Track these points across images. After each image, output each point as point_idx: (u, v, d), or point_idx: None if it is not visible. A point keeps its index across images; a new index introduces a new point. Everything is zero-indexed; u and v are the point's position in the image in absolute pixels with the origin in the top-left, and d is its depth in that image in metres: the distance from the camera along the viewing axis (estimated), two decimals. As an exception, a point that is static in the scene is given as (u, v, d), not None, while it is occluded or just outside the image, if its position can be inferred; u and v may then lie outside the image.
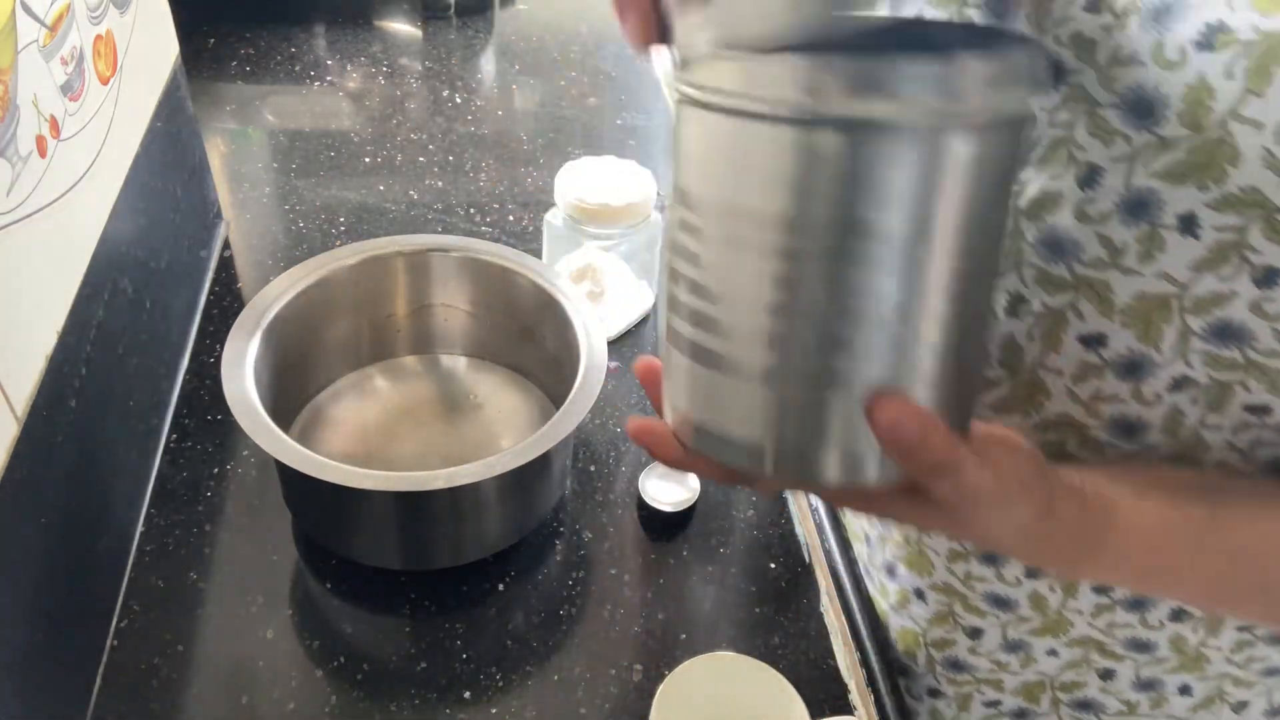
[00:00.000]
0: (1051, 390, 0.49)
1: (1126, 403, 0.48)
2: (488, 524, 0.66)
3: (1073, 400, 0.49)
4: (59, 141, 0.57)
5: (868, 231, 0.34)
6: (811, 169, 0.33)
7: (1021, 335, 0.49)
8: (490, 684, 0.62)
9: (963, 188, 0.34)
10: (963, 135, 0.33)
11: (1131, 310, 0.45)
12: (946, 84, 0.32)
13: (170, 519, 0.69)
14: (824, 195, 0.34)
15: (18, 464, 0.50)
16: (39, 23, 0.55)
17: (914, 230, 0.34)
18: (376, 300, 0.76)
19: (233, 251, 0.92)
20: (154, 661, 0.61)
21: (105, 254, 0.63)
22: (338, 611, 0.66)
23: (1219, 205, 0.41)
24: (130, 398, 0.67)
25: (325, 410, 0.75)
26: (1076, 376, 0.48)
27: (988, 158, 0.34)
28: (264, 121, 1.10)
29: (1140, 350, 0.45)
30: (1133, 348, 0.46)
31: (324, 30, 1.26)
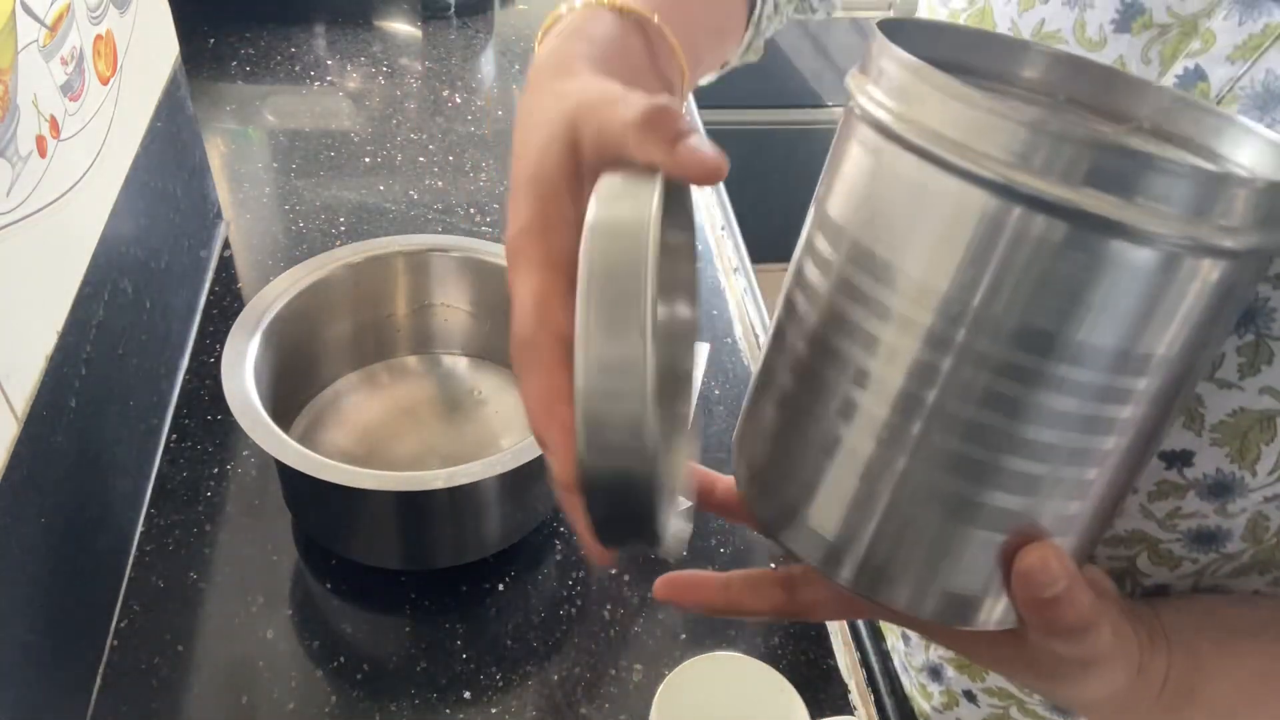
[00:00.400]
0: (1124, 507, 0.44)
1: (1207, 517, 0.43)
2: (488, 524, 0.66)
3: (1145, 517, 0.44)
4: (59, 141, 0.57)
5: (1061, 349, 0.28)
6: (1016, 259, 0.28)
7: None
8: (490, 684, 0.62)
9: (1188, 320, 0.29)
10: (1212, 261, 0.28)
11: (1225, 428, 0.39)
12: (1218, 200, 0.27)
13: (170, 519, 0.69)
14: (1017, 293, 0.28)
15: (18, 464, 0.50)
16: (39, 23, 0.55)
17: (1118, 361, 0.29)
18: (376, 300, 0.76)
19: (233, 251, 0.92)
20: (154, 661, 0.61)
21: (105, 254, 0.63)
22: (338, 611, 0.66)
23: None
24: (130, 398, 0.67)
25: (325, 410, 0.75)
26: (1153, 495, 0.43)
27: (1225, 288, 0.29)
28: (264, 121, 1.10)
29: (1230, 471, 0.40)
30: (1223, 469, 0.40)
31: (324, 30, 1.26)
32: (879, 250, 0.30)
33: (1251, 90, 0.37)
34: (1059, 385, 0.29)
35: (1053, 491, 0.31)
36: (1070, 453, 0.30)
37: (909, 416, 0.30)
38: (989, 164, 0.27)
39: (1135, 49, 0.40)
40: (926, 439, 0.30)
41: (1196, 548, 0.44)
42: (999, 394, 0.29)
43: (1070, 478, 0.31)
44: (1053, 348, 0.28)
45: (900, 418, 0.30)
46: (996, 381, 0.29)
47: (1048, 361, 0.28)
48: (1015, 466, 0.30)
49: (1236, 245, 0.27)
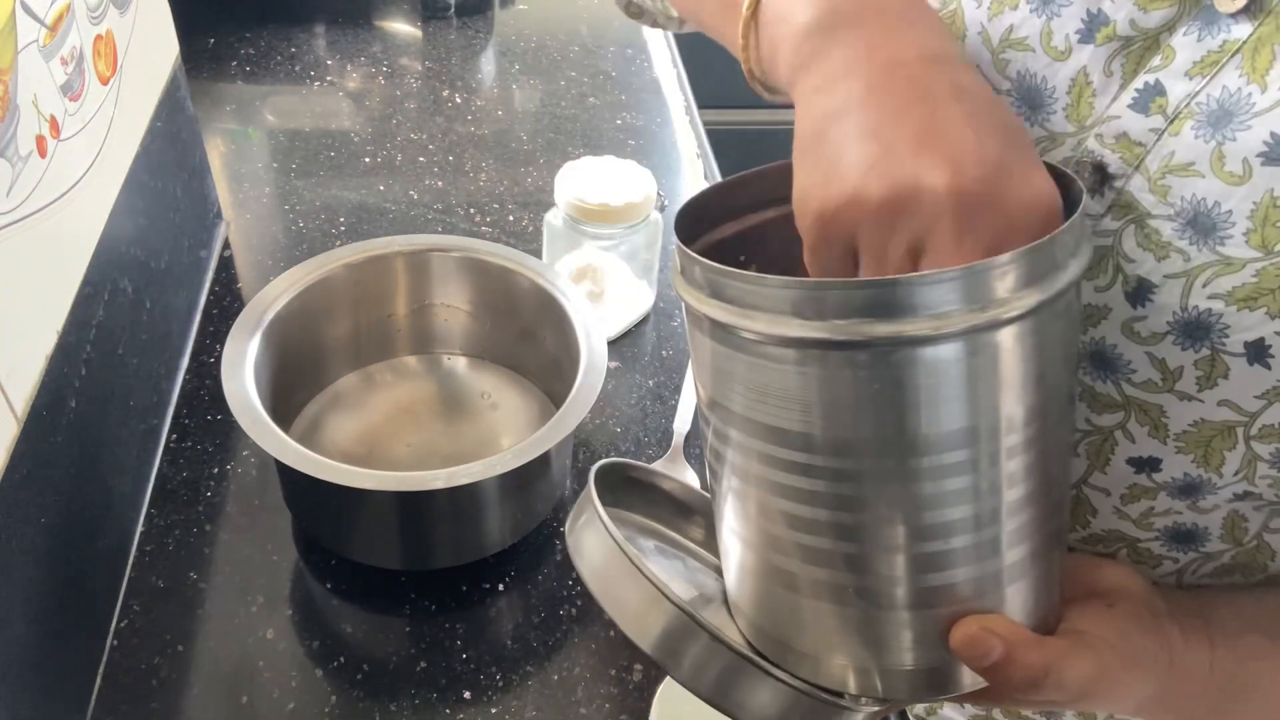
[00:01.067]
0: (1098, 508, 0.46)
1: (1181, 514, 0.44)
2: (488, 524, 0.66)
3: (1120, 517, 0.45)
4: (59, 141, 0.57)
5: (924, 445, 0.32)
6: (848, 392, 0.32)
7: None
8: (490, 684, 0.62)
9: (1012, 376, 0.32)
10: (999, 331, 0.31)
11: (1188, 438, 0.41)
12: (973, 292, 0.30)
13: (170, 519, 0.69)
14: (871, 416, 0.32)
15: (18, 464, 0.50)
16: (39, 23, 0.55)
17: (969, 434, 0.32)
18: (376, 300, 0.76)
19: (233, 251, 0.92)
20: (154, 661, 0.61)
21: (105, 254, 0.63)
22: (338, 611, 0.66)
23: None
24: (130, 398, 0.67)
25: (325, 410, 0.75)
26: (1126, 497, 0.45)
27: (1034, 339, 0.32)
28: (264, 121, 1.10)
29: (1197, 474, 0.42)
30: (1189, 473, 0.42)
31: (324, 30, 1.26)
32: (755, 417, 0.35)
33: (1207, 107, 0.37)
34: (927, 474, 0.32)
35: (968, 559, 0.35)
36: (967, 521, 0.34)
37: (836, 540, 0.35)
38: (793, 326, 0.32)
39: (1099, 60, 0.41)
40: (854, 555, 0.35)
41: (1175, 546, 0.45)
42: (886, 498, 0.33)
43: (978, 541, 0.34)
44: (909, 447, 0.32)
45: (830, 543, 0.35)
46: (880, 489, 0.33)
47: (912, 459, 0.32)
48: (927, 549, 0.34)
49: (1020, 310, 0.31)
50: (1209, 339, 0.38)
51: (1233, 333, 0.38)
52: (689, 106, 1.15)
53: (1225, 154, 0.37)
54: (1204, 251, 0.38)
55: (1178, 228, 0.38)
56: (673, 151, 1.09)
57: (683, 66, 1.22)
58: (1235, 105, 0.37)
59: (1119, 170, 0.40)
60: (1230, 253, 0.37)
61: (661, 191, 0.88)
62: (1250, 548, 0.44)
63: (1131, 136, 0.40)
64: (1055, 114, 0.42)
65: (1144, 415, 0.41)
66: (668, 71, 1.21)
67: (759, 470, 0.36)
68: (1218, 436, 0.40)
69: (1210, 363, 0.39)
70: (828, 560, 0.36)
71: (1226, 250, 0.37)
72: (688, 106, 1.15)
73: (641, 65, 1.22)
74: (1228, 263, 0.37)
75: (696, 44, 0.77)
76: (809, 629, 0.38)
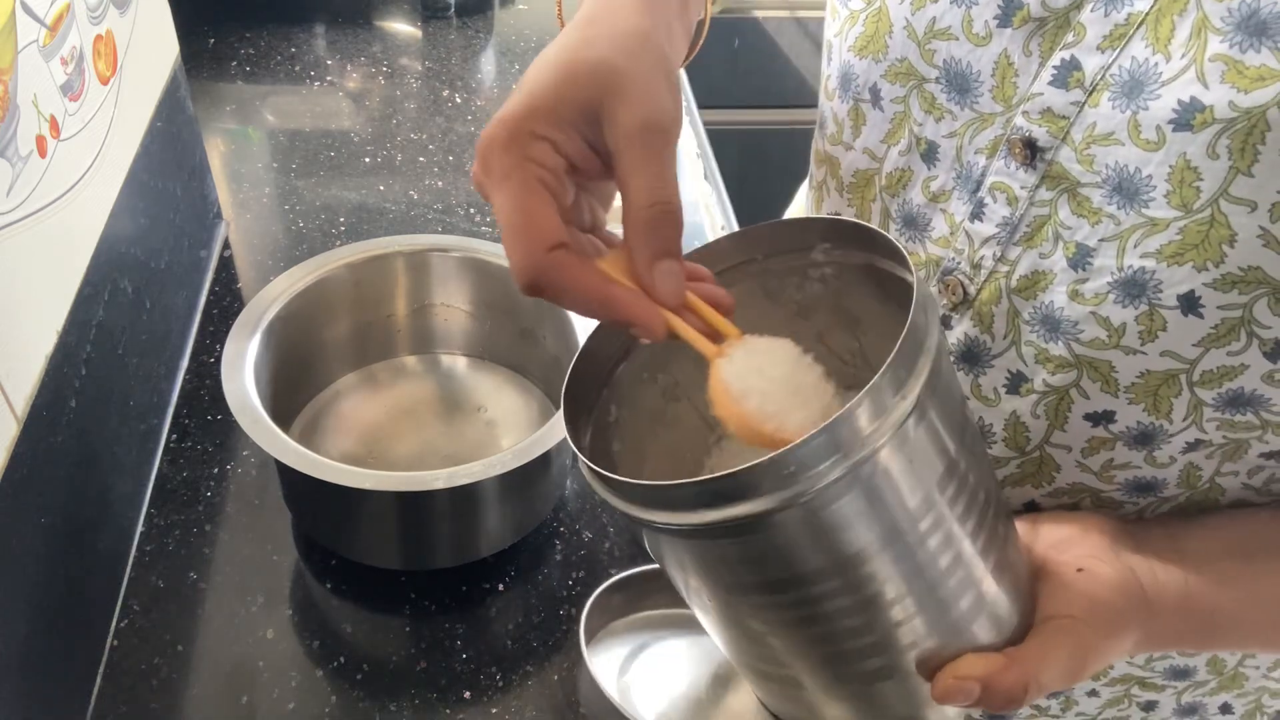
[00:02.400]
0: (1061, 464, 0.48)
1: (1140, 467, 0.46)
2: (488, 524, 0.66)
3: (1083, 470, 0.48)
4: (59, 141, 0.57)
5: (850, 563, 0.35)
6: (766, 551, 0.35)
7: (1025, 413, 0.48)
8: (490, 684, 0.62)
9: (906, 477, 0.34)
10: (878, 456, 0.33)
11: (1137, 388, 0.43)
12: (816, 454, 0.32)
13: (170, 519, 0.69)
14: (785, 562, 0.35)
15: (18, 464, 0.50)
16: (39, 23, 0.55)
17: (886, 537, 0.35)
18: (376, 300, 0.76)
19: (233, 251, 0.92)
20: (154, 661, 0.61)
21: (105, 254, 0.63)
22: (338, 611, 0.66)
23: (1220, 285, 0.39)
24: (130, 398, 0.67)
25: (325, 410, 0.75)
26: (1086, 450, 0.47)
27: (903, 456, 0.34)
28: (264, 121, 1.10)
29: (1149, 422, 0.44)
30: (1142, 421, 0.44)
31: (324, 30, 1.26)
32: (700, 579, 0.39)
33: (1120, 78, 0.40)
34: (863, 582, 0.36)
35: (926, 625, 0.38)
36: (912, 604, 0.37)
37: (801, 657, 0.40)
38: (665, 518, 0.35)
39: (1017, 42, 0.43)
40: (821, 656, 0.39)
41: (1137, 495, 0.48)
42: (834, 610, 0.37)
43: (927, 610, 0.37)
44: (838, 568, 0.35)
45: (799, 662, 0.40)
46: (822, 606, 0.36)
47: (838, 577, 0.36)
48: (885, 635, 0.38)
49: (862, 455, 0.32)
50: (1145, 295, 0.41)
51: (1165, 287, 0.40)
52: (689, 106, 1.15)
53: (1140, 122, 0.39)
54: (1131, 214, 0.40)
55: (1105, 194, 0.41)
56: (673, 151, 1.08)
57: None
58: (1145, 75, 0.39)
59: (1047, 143, 0.43)
60: (1154, 214, 0.40)
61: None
62: (1203, 489, 0.47)
63: (1055, 111, 0.42)
64: (983, 96, 0.45)
65: (1095, 371, 0.44)
66: (668, 71, 1.21)
67: (725, 613, 0.40)
68: (1164, 385, 0.42)
69: (1149, 317, 0.41)
70: (808, 665, 0.40)
71: (1151, 212, 0.40)
72: (688, 106, 1.15)
73: (641, 65, 1.22)
74: (1153, 223, 0.40)
75: (696, 44, 0.76)
76: (819, 711, 0.42)
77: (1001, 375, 0.48)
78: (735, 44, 1.77)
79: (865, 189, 0.52)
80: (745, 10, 1.75)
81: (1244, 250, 0.38)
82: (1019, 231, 0.45)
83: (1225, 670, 0.56)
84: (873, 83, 0.49)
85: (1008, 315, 0.46)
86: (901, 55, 0.47)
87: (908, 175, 0.50)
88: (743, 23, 1.76)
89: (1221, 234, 0.38)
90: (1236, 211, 0.38)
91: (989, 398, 0.49)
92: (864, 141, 0.51)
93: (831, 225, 0.41)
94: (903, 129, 0.49)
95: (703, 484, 0.33)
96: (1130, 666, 0.56)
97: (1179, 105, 0.38)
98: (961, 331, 0.49)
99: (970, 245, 0.47)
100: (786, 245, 0.43)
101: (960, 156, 0.47)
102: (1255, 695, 0.58)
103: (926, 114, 0.48)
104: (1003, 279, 0.46)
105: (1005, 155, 0.44)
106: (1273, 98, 0.36)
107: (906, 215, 0.50)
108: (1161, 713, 0.59)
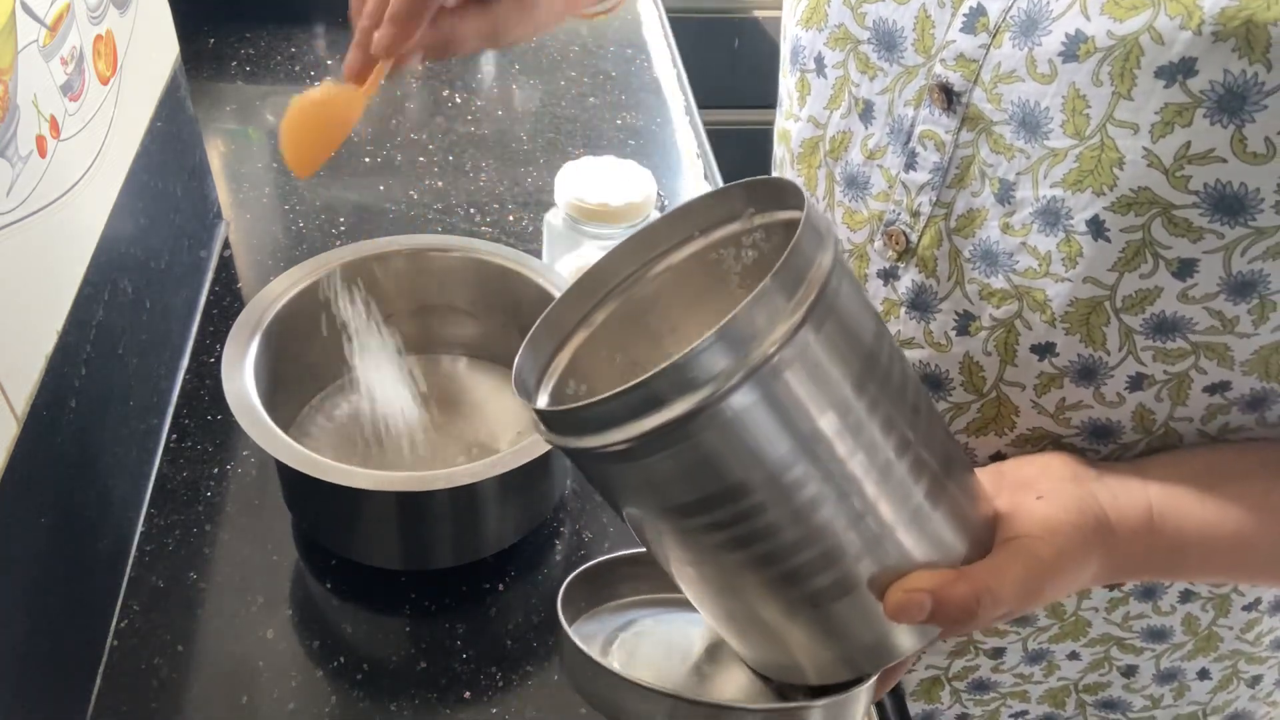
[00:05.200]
0: (1018, 405, 0.50)
1: (1093, 408, 0.48)
2: (488, 524, 0.66)
3: (1040, 413, 0.49)
4: (59, 141, 0.57)
5: (771, 477, 0.36)
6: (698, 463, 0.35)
7: (978, 351, 0.50)
8: (490, 684, 0.62)
9: (812, 384, 0.35)
10: (779, 357, 0.34)
11: (1071, 317, 0.45)
12: (732, 347, 0.33)
13: (170, 519, 0.69)
14: (717, 473, 0.36)
15: (18, 464, 0.50)
16: (39, 23, 0.55)
17: (804, 444, 0.35)
18: (377, 300, 0.76)
19: (233, 251, 0.92)
20: (154, 661, 0.61)
21: (105, 254, 0.63)
22: (338, 611, 0.66)
23: (1117, 208, 0.41)
24: (130, 398, 0.67)
25: (325, 410, 0.75)
26: (1038, 388, 0.49)
27: (817, 344, 0.35)
28: (264, 121, 1.10)
29: (1089, 354, 0.46)
30: (1081, 354, 0.46)
31: (324, 30, 1.26)
32: (644, 504, 0.39)
33: (1018, 19, 0.43)
34: (792, 488, 0.36)
35: (864, 541, 0.38)
36: (850, 522, 0.37)
37: (751, 584, 0.40)
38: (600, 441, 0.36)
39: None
40: (769, 579, 0.39)
41: (1096, 440, 0.49)
42: (769, 522, 0.37)
43: (871, 528, 0.38)
44: (763, 482, 0.36)
45: (750, 590, 0.40)
46: (757, 520, 0.37)
47: (768, 488, 0.36)
48: (830, 549, 0.38)
49: (759, 358, 0.33)
50: (1060, 223, 0.43)
51: (1075, 213, 0.43)
52: (689, 106, 1.15)
53: (1035, 58, 0.42)
54: (1037, 147, 0.43)
55: (1014, 129, 0.44)
56: (673, 151, 1.09)
57: (683, 66, 1.22)
58: (1038, 12, 0.42)
59: (962, 87, 0.45)
60: (1054, 144, 0.42)
61: (661, 191, 0.88)
62: (1160, 435, 0.48)
63: (966, 55, 0.45)
64: (907, 50, 0.48)
65: (1033, 301, 0.46)
66: (668, 71, 1.21)
67: (676, 543, 0.40)
68: (1093, 314, 0.45)
69: (1067, 244, 0.44)
70: (760, 592, 0.40)
71: (1051, 143, 0.43)
72: (688, 106, 1.15)
73: (641, 65, 1.22)
74: (1054, 153, 0.43)
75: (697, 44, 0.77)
76: (787, 644, 0.42)
77: (950, 318, 0.50)
78: (735, 44, 1.77)
79: (811, 157, 0.55)
80: (745, 10, 1.75)
81: (1132, 172, 0.41)
82: (949, 174, 0.47)
83: (1199, 630, 0.57)
84: (817, 52, 0.52)
85: (949, 256, 0.49)
86: (839, 21, 0.50)
87: (848, 138, 0.52)
88: (743, 23, 1.76)
89: (1111, 157, 0.41)
90: (1122, 135, 0.40)
91: (941, 343, 0.51)
92: (809, 110, 0.54)
93: (747, 187, 0.42)
94: (843, 93, 0.52)
95: (611, 398, 0.34)
96: (1108, 625, 0.58)
97: (1066, 38, 0.41)
98: (909, 279, 0.51)
99: (908, 195, 0.49)
100: (718, 217, 0.44)
101: (892, 110, 0.49)
102: (1231, 660, 0.59)
103: (862, 74, 0.50)
104: (941, 222, 0.49)
105: (929, 104, 0.47)
106: (1143, 24, 0.39)
107: (848, 176, 0.53)
108: (1141, 679, 0.60)
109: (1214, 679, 0.60)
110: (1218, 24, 0.37)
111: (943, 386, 0.52)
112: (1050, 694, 0.62)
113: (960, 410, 0.52)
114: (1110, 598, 0.56)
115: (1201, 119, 0.39)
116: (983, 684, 0.63)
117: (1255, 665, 0.60)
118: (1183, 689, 0.60)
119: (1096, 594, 0.56)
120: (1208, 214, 0.40)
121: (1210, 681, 0.60)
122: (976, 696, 0.64)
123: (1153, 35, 0.39)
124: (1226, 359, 0.45)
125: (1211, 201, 0.40)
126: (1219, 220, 0.40)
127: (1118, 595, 0.56)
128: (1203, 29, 0.38)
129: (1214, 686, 0.60)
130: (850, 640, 0.41)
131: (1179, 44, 0.38)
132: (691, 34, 1.59)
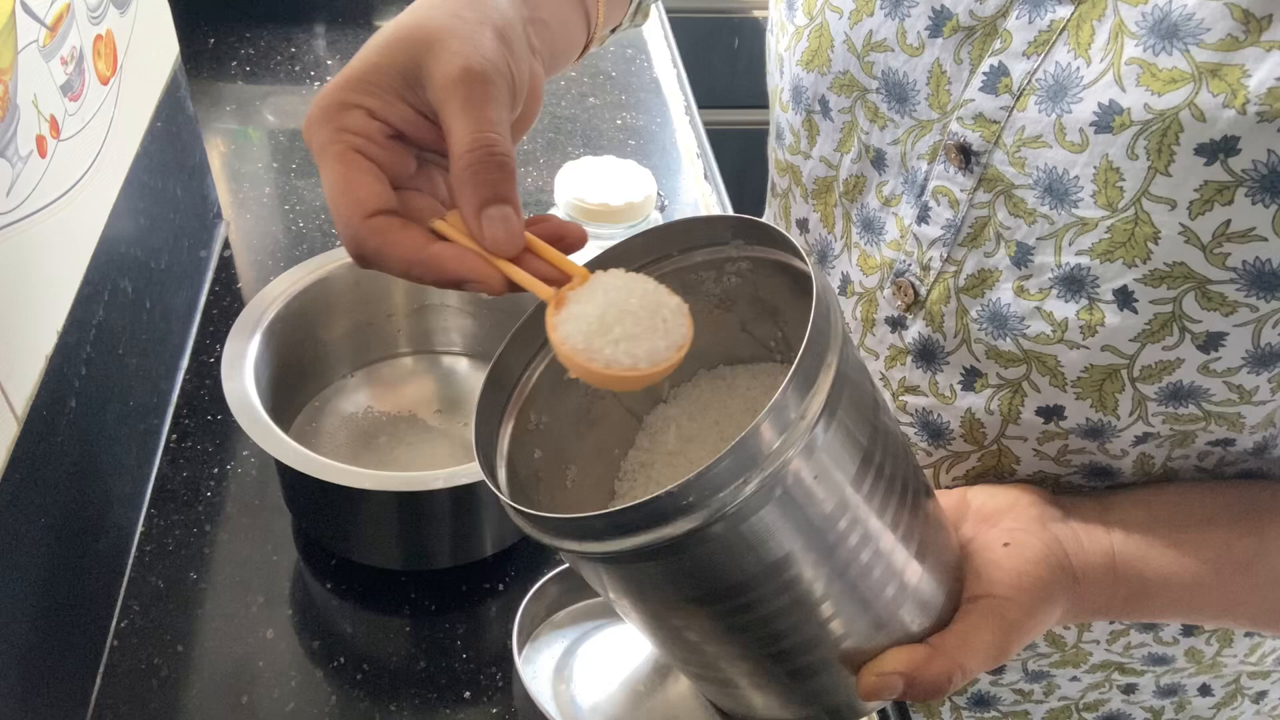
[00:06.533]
0: (1019, 455, 0.49)
1: (1094, 454, 0.47)
2: (488, 524, 0.66)
3: (1041, 459, 0.49)
4: (59, 141, 0.57)
5: (769, 576, 0.35)
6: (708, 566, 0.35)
7: (980, 409, 0.49)
8: (490, 684, 0.62)
9: (815, 492, 0.34)
10: (790, 467, 0.33)
11: (1083, 382, 0.44)
12: (747, 460, 0.32)
13: (170, 519, 0.69)
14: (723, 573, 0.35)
15: (18, 464, 0.50)
16: (39, 23, 0.55)
17: (803, 548, 0.35)
18: (376, 300, 0.76)
19: (233, 251, 0.92)
20: (154, 661, 0.61)
21: (105, 254, 0.63)
22: (338, 611, 0.66)
23: (1150, 280, 0.40)
24: (130, 398, 0.67)
25: (325, 410, 0.75)
26: (1041, 439, 0.48)
27: (822, 451, 0.34)
28: (264, 121, 1.10)
29: (1098, 418, 0.45)
30: (1090, 417, 0.45)
31: (324, 30, 1.26)
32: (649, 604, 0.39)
33: (1045, 82, 0.42)
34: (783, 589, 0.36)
35: (847, 626, 0.38)
36: (832, 609, 0.37)
37: (732, 661, 0.40)
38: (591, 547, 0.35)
39: (949, 51, 0.45)
40: (752, 658, 0.40)
41: (1093, 479, 0.49)
42: (755, 620, 0.37)
43: (846, 612, 0.38)
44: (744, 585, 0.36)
45: (731, 666, 0.41)
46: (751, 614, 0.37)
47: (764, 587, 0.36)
48: (806, 635, 0.38)
49: (773, 469, 0.33)
50: (1084, 290, 0.42)
51: (1102, 282, 0.42)
52: (689, 106, 1.15)
53: (1065, 125, 0.41)
54: (1063, 214, 0.42)
55: (1038, 195, 0.42)
56: (673, 151, 1.09)
57: (683, 66, 1.22)
58: (1068, 79, 0.41)
59: (981, 147, 0.44)
60: (1084, 213, 0.41)
61: (661, 191, 0.88)
62: (1158, 475, 0.48)
63: (986, 116, 0.44)
64: (920, 104, 0.46)
65: (1042, 365, 0.45)
66: (668, 71, 1.21)
67: (653, 627, 0.40)
68: (1107, 380, 0.44)
69: (1089, 311, 0.42)
70: (740, 668, 0.40)
71: (1080, 211, 0.41)
72: (688, 106, 1.15)
73: (641, 65, 1.22)
74: (1084, 222, 0.41)
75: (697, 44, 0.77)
76: (753, 702, 0.43)
77: (957, 372, 0.49)
78: (735, 44, 1.77)
79: (827, 195, 0.54)
80: (745, 10, 1.75)
81: (1168, 246, 0.39)
82: (962, 233, 0.46)
83: (1203, 660, 0.57)
84: (821, 95, 0.51)
85: (956, 314, 0.48)
86: (844, 68, 0.49)
87: (862, 181, 0.51)
88: (743, 23, 1.76)
89: (1146, 231, 0.40)
90: (1158, 210, 0.39)
91: (945, 395, 0.50)
92: (819, 150, 0.53)
93: (739, 223, 0.41)
94: (852, 137, 0.50)
95: (613, 515, 0.33)
96: (1109, 653, 0.57)
97: (1099, 108, 0.40)
98: (916, 331, 0.50)
99: (919, 247, 0.48)
100: (700, 240, 0.43)
101: (905, 162, 0.48)
102: (1234, 678, 0.58)
103: (871, 123, 0.49)
104: (950, 279, 0.47)
105: (944, 160, 0.46)
106: (1183, 100, 0.38)
107: (864, 219, 0.52)
108: (1141, 695, 0.60)
109: (1216, 695, 0.59)
110: (1264, 104, 0.36)
111: (943, 436, 0.51)
112: (1051, 713, 0.62)
113: (960, 458, 0.51)
114: (1111, 630, 0.56)
115: (1243, 198, 0.38)
116: (983, 699, 0.62)
117: (1259, 681, 0.59)
118: (1184, 703, 0.60)
119: (1097, 627, 0.56)
120: (1244, 289, 0.39)
121: (1213, 697, 0.59)
122: (978, 714, 0.63)
123: (1194, 112, 0.37)
124: (1238, 425, 0.44)
125: (1249, 278, 0.39)
126: (1255, 294, 0.39)
127: (1119, 628, 0.56)
128: (1247, 109, 0.37)
129: (1217, 703, 0.60)
130: (820, 702, 0.42)
131: (1222, 122, 0.37)
132: (691, 34, 1.59)
